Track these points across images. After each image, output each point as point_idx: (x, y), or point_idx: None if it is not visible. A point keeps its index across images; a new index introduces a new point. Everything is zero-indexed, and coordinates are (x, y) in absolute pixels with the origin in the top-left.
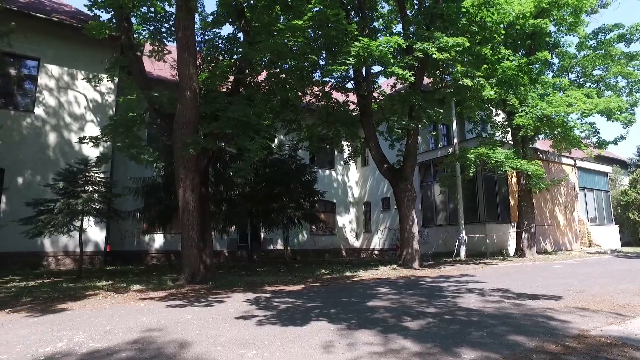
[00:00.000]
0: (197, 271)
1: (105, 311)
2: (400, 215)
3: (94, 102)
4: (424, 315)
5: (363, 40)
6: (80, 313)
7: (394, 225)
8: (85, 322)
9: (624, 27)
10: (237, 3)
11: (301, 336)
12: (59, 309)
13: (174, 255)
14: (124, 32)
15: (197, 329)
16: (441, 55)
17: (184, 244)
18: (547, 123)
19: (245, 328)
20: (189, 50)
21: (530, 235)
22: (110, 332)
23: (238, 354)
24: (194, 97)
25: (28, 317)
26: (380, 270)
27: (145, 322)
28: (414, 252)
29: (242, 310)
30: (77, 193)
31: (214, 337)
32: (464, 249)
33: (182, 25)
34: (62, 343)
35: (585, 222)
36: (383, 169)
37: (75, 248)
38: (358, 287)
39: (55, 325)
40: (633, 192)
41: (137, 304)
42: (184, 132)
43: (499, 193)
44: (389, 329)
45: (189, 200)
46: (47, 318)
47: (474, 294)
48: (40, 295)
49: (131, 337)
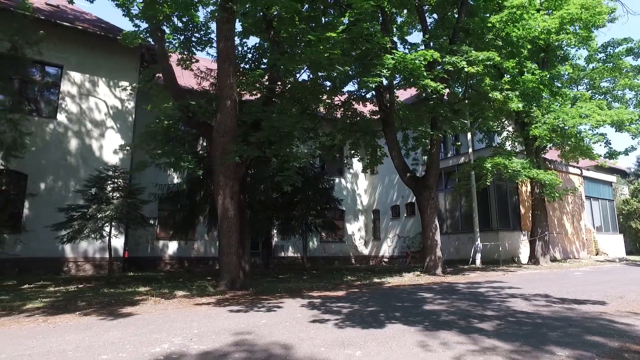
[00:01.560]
0: (237, 277)
1: (173, 315)
2: (424, 223)
3: (114, 109)
4: (487, 317)
5: (397, 53)
6: (153, 317)
7: (404, 233)
8: (166, 325)
9: (632, 41)
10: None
11: (391, 337)
12: (126, 313)
13: (187, 261)
14: (157, 42)
15: (284, 332)
16: (472, 69)
17: (223, 250)
18: (560, 134)
19: (329, 330)
20: (230, 60)
21: (544, 243)
22: (202, 335)
23: (346, 354)
24: (234, 106)
25: (104, 321)
26: (406, 277)
27: (226, 326)
28: (437, 259)
29: (309, 315)
30: (108, 199)
31: (308, 339)
32: (479, 257)
33: (224, 36)
34: (166, 345)
35: (592, 230)
36: (406, 178)
37: (95, 254)
38: (400, 293)
39: (140, 328)
40: (635, 202)
41: (196, 309)
42: (224, 141)
43: (510, 202)
44: (467, 330)
45: (229, 207)
46: (124, 321)
47: (517, 298)
48: (92, 300)
49: (227, 339)
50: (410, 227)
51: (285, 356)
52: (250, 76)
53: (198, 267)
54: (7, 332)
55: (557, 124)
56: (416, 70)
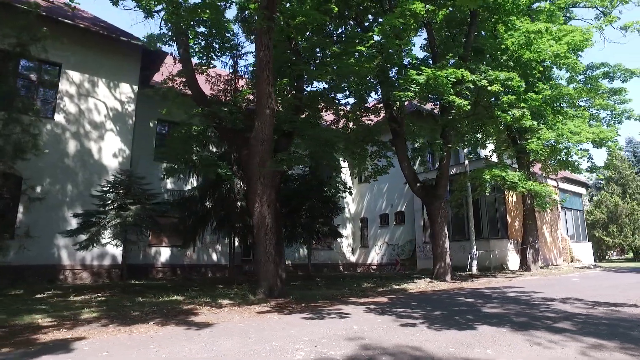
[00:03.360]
0: (274, 285)
1: (254, 324)
2: (434, 232)
3: (114, 111)
4: (554, 319)
5: (426, 70)
6: (236, 326)
7: (393, 240)
8: (264, 333)
9: (609, 65)
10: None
11: (495, 337)
12: (201, 322)
13: (179, 269)
14: (181, 46)
15: (394, 336)
16: (494, 87)
17: (260, 258)
18: (552, 149)
19: (432, 333)
20: (269, 69)
21: (535, 251)
22: (317, 341)
23: (478, 353)
24: (272, 115)
25: (191, 331)
26: (421, 283)
27: (326, 333)
28: (447, 266)
29: (387, 320)
30: (125, 205)
31: (426, 341)
32: (475, 264)
33: (264, 45)
34: (302, 353)
35: (567, 239)
36: (416, 188)
37: (93, 261)
38: (438, 298)
39: (244, 338)
40: (598, 212)
41: (263, 317)
42: (263, 149)
43: (498, 211)
44: (554, 330)
45: (266, 215)
46: (216, 331)
47: (556, 302)
48: (143, 310)
49: (349, 344)
50: (400, 235)
51: (429, 356)
52: (278, 85)
53: (192, 275)
54: (119, 341)
55: (553, 139)
56: (444, 87)
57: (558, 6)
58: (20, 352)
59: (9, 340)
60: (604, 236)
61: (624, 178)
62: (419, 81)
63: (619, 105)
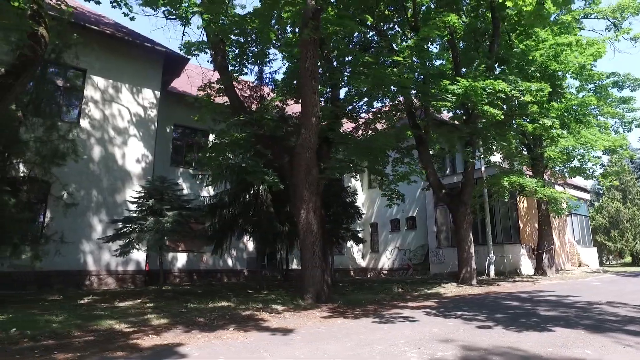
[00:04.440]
0: (321, 291)
1: (332, 329)
2: (459, 237)
3: (137, 117)
4: (622, 322)
5: (462, 80)
6: (323, 331)
7: (404, 245)
8: (357, 337)
9: (619, 75)
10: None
11: (576, 339)
12: (282, 328)
13: (195, 274)
14: (219, 53)
15: (483, 339)
16: (526, 98)
17: (307, 264)
18: (568, 156)
19: (516, 335)
20: (315, 78)
21: (550, 256)
22: (414, 344)
23: (577, 353)
24: (318, 123)
25: (278, 336)
26: (450, 288)
27: (414, 336)
28: (472, 271)
29: (456, 324)
30: (162, 211)
31: (515, 342)
32: (492, 268)
33: (310, 55)
34: (414, 356)
35: (574, 244)
36: (441, 194)
37: (117, 267)
38: (483, 301)
39: (345, 342)
40: (599, 217)
41: (331, 322)
42: (309, 157)
43: (510, 217)
44: (629, 332)
45: (312, 221)
46: (307, 334)
47: (602, 305)
48: (208, 316)
49: (451, 347)
50: (411, 240)
51: (536, 356)
52: None
53: (209, 280)
54: (221, 346)
55: (569, 147)
56: (478, 97)
57: (573, 17)
58: (136, 356)
59: (112, 343)
60: (605, 241)
61: (624, 184)
62: (456, 91)
63: (627, 114)
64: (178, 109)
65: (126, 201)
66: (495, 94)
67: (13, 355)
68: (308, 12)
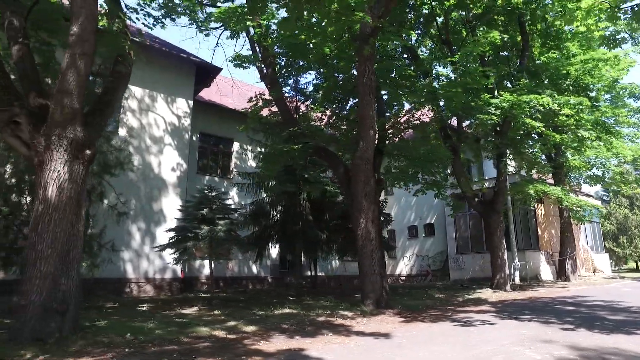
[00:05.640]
0: (381, 297)
1: (428, 333)
2: (493, 244)
3: (172, 125)
4: None
5: (506, 95)
6: (425, 335)
7: (422, 252)
8: (459, 339)
9: (638, 87)
10: None
11: None
12: (376, 332)
13: (222, 281)
14: (269, 66)
15: (579, 339)
16: (566, 111)
17: (366, 271)
18: (590, 165)
19: (608, 337)
20: (372, 93)
21: (573, 261)
22: (522, 344)
23: None
24: (375, 135)
25: (381, 340)
26: (488, 293)
27: (512, 337)
28: (506, 277)
29: (538, 325)
30: (213, 220)
31: (615, 343)
32: (517, 274)
33: (368, 70)
34: (537, 356)
35: (588, 250)
36: (474, 203)
37: (155, 274)
38: (539, 306)
39: (454, 345)
40: (607, 224)
41: (416, 325)
42: (367, 167)
43: (530, 224)
44: None
45: (370, 230)
46: (412, 338)
47: None
48: (285, 322)
49: (558, 347)
50: (430, 246)
51: None
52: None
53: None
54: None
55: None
56: (521, 111)
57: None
58: None
59: (233, 349)
60: (614, 247)
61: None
62: (502, 106)
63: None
64: (203, 117)
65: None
66: (537, 107)
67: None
68: (365, 29)
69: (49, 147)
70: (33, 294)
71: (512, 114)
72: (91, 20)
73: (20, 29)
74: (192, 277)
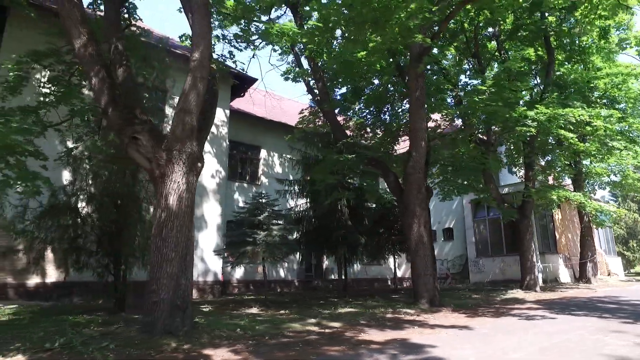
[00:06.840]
0: (434, 296)
1: (503, 328)
2: (523, 247)
3: (211, 134)
4: None
5: (541, 107)
6: (500, 327)
7: (441, 256)
8: (544, 331)
9: None
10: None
11: None
12: (460, 325)
13: (252, 284)
14: (319, 80)
15: None
16: (598, 123)
17: (420, 272)
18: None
19: None
20: (423, 107)
21: (593, 264)
22: (598, 334)
23: None
24: (426, 147)
25: (476, 331)
26: (520, 293)
27: (582, 330)
28: (535, 278)
29: (597, 320)
30: (267, 225)
31: None
32: (540, 277)
33: (419, 86)
34: (626, 348)
35: (602, 253)
36: (505, 209)
37: (198, 278)
38: (581, 304)
39: (547, 334)
40: (617, 228)
41: (483, 320)
42: (419, 176)
43: (548, 228)
44: None
45: (423, 234)
46: (500, 329)
47: None
48: (368, 318)
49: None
50: (449, 250)
51: None
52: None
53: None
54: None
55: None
56: (556, 122)
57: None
58: (390, 347)
59: (344, 341)
60: (624, 251)
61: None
62: (539, 119)
63: None
64: (233, 125)
65: (204, 215)
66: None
67: (283, 350)
68: (416, 48)
69: (170, 160)
70: (163, 292)
71: (546, 126)
72: (208, 49)
73: (123, 53)
74: (226, 280)
